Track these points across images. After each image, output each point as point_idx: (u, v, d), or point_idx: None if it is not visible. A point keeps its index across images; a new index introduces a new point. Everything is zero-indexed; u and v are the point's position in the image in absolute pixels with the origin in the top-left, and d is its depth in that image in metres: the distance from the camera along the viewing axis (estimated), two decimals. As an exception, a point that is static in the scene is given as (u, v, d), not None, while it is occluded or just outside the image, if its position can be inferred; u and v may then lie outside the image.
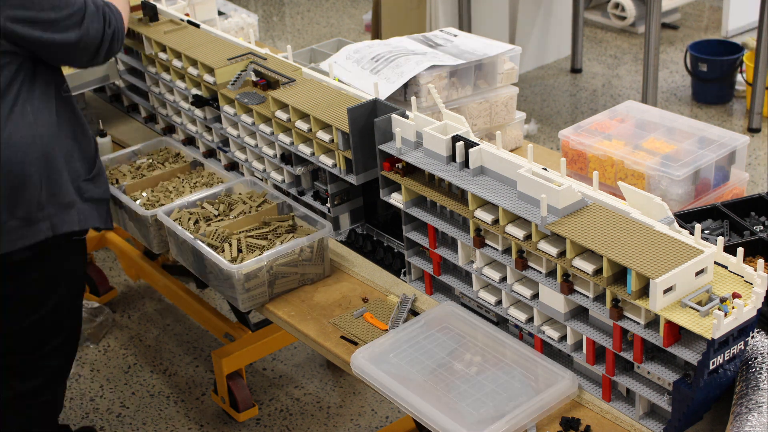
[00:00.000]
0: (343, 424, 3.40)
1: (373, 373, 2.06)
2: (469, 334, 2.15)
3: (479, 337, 2.14)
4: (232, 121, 2.83)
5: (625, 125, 2.67)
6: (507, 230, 1.98)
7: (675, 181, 2.38)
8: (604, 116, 2.72)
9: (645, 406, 1.89)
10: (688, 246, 1.77)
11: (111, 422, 3.49)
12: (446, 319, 2.19)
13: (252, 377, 3.64)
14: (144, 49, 3.07)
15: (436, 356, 2.09)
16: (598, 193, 1.95)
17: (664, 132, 2.61)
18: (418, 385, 2.02)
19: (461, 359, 2.08)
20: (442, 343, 2.13)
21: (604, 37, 6.55)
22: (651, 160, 2.45)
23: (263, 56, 2.78)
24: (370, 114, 2.30)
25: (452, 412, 1.93)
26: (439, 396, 1.98)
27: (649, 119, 2.68)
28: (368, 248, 2.50)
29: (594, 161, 2.55)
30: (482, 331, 2.15)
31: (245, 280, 2.32)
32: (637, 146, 2.54)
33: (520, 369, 2.03)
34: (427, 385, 2.02)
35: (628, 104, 2.76)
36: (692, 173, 2.40)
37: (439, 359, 2.08)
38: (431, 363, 2.07)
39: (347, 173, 2.41)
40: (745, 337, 1.73)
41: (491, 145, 2.07)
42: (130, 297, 4.16)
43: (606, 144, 2.56)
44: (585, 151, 2.57)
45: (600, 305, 1.86)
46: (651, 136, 2.58)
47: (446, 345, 2.13)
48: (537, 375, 2.00)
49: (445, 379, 2.03)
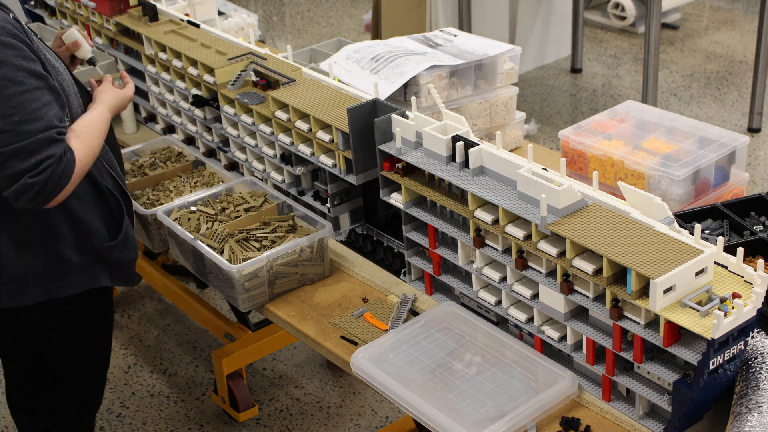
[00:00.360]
0: (343, 424, 3.40)
1: (373, 373, 2.06)
2: (469, 334, 2.15)
3: (479, 337, 2.14)
4: (232, 121, 2.83)
5: (625, 125, 2.67)
6: (507, 230, 1.98)
7: (675, 181, 2.38)
8: (604, 116, 2.72)
9: (645, 406, 1.89)
10: (688, 246, 1.77)
11: (111, 422, 3.49)
12: (446, 319, 2.19)
13: (252, 377, 3.64)
14: (144, 49, 3.07)
15: (436, 356, 2.09)
16: (598, 193, 1.95)
17: (664, 132, 2.61)
18: (418, 385, 2.02)
19: (461, 359, 2.08)
20: (442, 343, 2.13)
21: (604, 37, 6.55)
22: (651, 160, 2.45)
23: (263, 56, 2.78)
24: (370, 114, 2.30)
25: (452, 412, 1.93)
26: (439, 396, 1.98)
27: (649, 119, 2.68)
28: (368, 248, 2.50)
29: (594, 161, 2.56)
30: (482, 331, 2.15)
31: (245, 280, 2.32)
32: (637, 146, 2.54)
33: (520, 369, 2.03)
34: (427, 385, 2.02)
35: (628, 104, 2.76)
36: (692, 173, 2.40)
37: (439, 359, 2.08)
38: (431, 363, 2.07)
39: (347, 173, 2.41)
40: (745, 337, 1.73)
41: (491, 145, 2.07)
42: (130, 297, 4.16)
43: (606, 144, 2.56)
44: (585, 151, 2.57)
45: (600, 305, 1.86)
46: (651, 136, 2.58)
47: (446, 345, 2.12)
48: (537, 375, 2.00)
49: (445, 379, 2.03)
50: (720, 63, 6.04)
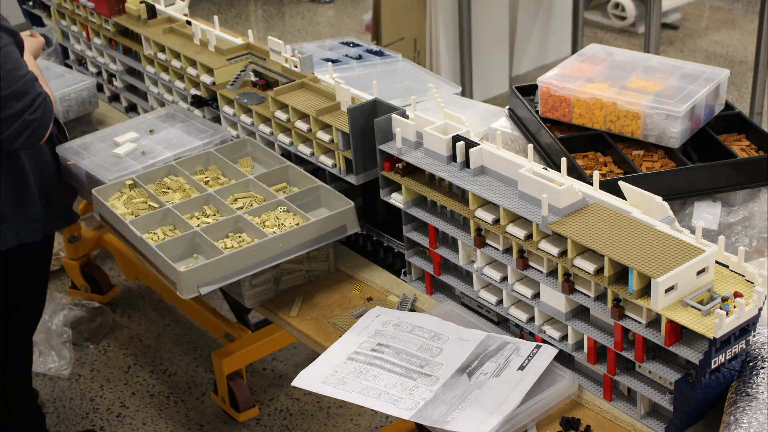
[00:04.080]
0: (343, 424, 3.39)
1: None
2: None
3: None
4: (231, 121, 2.82)
5: (600, 68, 2.60)
6: (508, 230, 1.98)
7: (675, 117, 2.34)
8: (573, 61, 2.64)
9: (646, 405, 1.88)
10: (690, 245, 1.77)
11: (111, 422, 3.48)
12: (447, 318, 2.19)
13: (252, 377, 3.64)
14: (143, 49, 3.07)
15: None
16: (599, 193, 1.95)
17: (644, 71, 2.56)
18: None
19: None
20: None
21: (604, 37, 6.54)
22: (646, 99, 2.40)
23: (262, 56, 2.78)
24: (370, 114, 2.30)
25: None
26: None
27: (621, 59, 2.62)
28: (368, 248, 2.49)
29: (580, 105, 2.48)
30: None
31: (251, 278, 2.31)
32: (623, 87, 2.48)
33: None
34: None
35: (592, 47, 2.71)
36: (690, 109, 2.38)
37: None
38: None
39: (347, 173, 2.41)
40: (746, 336, 1.73)
41: (492, 144, 2.07)
42: (130, 297, 4.16)
43: (590, 87, 2.48)
44: (569, 96, 2.48)
45: (601, 305, 1.86)
46: (633, 76, 2.52)
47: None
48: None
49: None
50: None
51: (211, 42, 2.87)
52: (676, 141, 2.38)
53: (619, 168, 2.40)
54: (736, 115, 2.56)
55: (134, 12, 3.11)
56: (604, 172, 2.38)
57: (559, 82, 2.53)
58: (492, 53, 5.56)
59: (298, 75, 2.65)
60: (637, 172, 2.31)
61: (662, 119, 2.36)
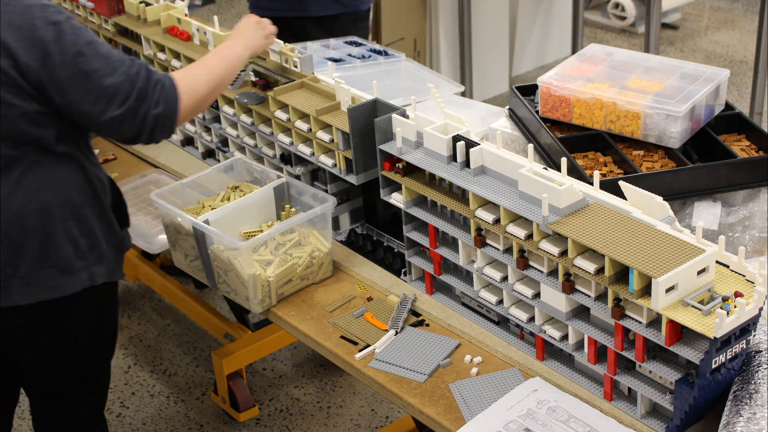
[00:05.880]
0: (343, 424, 3.39)
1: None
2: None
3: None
4: (231, 121, 2.82)
5: (599, 68, 2.60)
6: (508, 230, 1.98)
7: (675, 117, 2.34)
8: (573, 61, 2.64)
9: (647, 405, 1.88)
10: (690, 245, 1.77)
11: (111, 422, 3.48)
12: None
13: (252, 377, 3.64)
14: (143, 49, 3.07)
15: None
16: (600, 193, 1.94)
17: (644, 71, 2.55)
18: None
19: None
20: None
21: (604, 37, 6.54)
22: (646, 99, 2.39)
23: (262, 56, 2.78)
24: (370, 114, 2.30)
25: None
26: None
27: (620, 59, 2.62)
28: (368, 248, 2.49)
29: (580, 106, 2.48)
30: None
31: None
32: (623, 87, 2.48)
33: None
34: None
35: (592, 47, 2.72)
36: (690, 109, 2.38)
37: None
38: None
39: (347, 173, 2.41)
40: (746, 336, 1.73)
41: (492, 144, 2.07)
42: (130, 297, 4.16)
43: (590, 87, 2.48)
44: (569, 96, 2.48)
45: (602, 304, 1.85)
46: (632, 76, 2.52)
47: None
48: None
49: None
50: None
51: (211, 42, 2.87)
52: (676, 141, 2.38)
53: (619, 168, 2.40)
54: (736, 115, 2.56)
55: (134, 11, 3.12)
56: (605, 172, 2.38)
57: (559, 82, 2.53)
58: (492, 53, 5.56)
59: (298, 75, 2.65)
60: (637, 172, 2.32)
61: (662, 119, 2.36)
